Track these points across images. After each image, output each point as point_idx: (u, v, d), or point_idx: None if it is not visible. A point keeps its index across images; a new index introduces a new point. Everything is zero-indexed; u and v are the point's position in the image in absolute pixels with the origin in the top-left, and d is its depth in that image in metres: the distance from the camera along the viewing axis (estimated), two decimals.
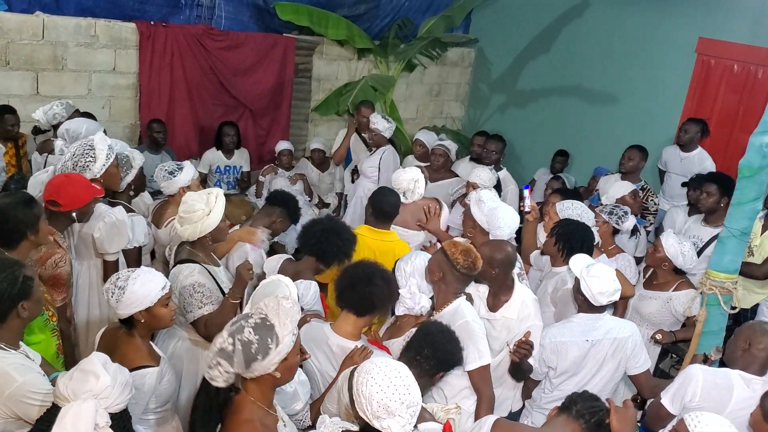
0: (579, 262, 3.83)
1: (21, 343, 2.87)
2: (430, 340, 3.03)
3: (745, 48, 6.63)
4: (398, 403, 2.27)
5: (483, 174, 5.65)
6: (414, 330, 3.45)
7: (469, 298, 3.72)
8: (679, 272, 4.74)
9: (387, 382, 2.29)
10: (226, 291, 3.58)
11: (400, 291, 3.50)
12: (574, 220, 4.66)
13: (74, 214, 3.67)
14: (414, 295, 3.56)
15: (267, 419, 2.45)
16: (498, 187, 5.64)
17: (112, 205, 4.17)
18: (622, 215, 5.04)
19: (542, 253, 4.71)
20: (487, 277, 3.80)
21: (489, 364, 3.45)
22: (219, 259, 3.99)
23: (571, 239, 4.39)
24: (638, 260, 5.44)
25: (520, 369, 3.68)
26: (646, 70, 7.53)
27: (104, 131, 5.22)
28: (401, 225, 5.02)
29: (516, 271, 4.12)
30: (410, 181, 5.05)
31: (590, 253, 4.31)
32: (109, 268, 4.04)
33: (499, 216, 4.29)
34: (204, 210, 3.52)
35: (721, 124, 6.88)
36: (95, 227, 3.94)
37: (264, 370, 2.34)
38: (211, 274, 3.59)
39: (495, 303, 3.87)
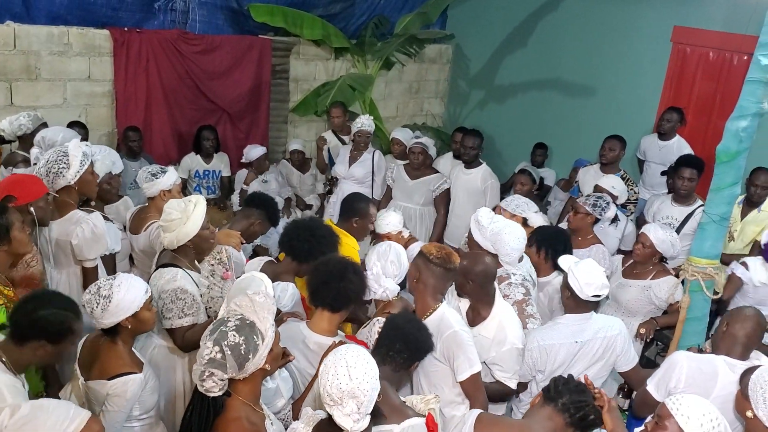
0: (568, 259, 3.82)
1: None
2: (400, 334, 3.01)
3: (719, 35, 6.67)
4: (338, 390, 2.29)
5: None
6: (377, 319, 3.48)
7: None
8: (661, 260, 4.77)
9: (333, 370, 2.33)
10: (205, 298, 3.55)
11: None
12: (550, 225, 4.65)
13: (32, 209, 3.60)
14: (377, 276, 3.57)
15: (254, 416, 2.48)
16: None
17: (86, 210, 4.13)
18: (605, 206, 5.06)
19: None
20: (464, 289, 3.73)
21: (480, 372, 3.36)
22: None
23: (555, 244, 4.39)
24: (625, 252, 5.42)
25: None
26: (622, 61, 7.56)
27: (82, 139, 5.19)
28: None
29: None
30: None
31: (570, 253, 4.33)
32: (89, 274, 4.00)
33: (506, 241, 4.05)
34: (180, 218, 3.46)
35: (698, 112, 6.93)
36: (73, 234, 3.89)
37: (256, 366, 2.40)
38: (194, 281, 3.55)
39: (474, 318, 3.77)
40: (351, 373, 2.31)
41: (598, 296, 3.65)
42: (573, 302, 3.69)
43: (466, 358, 3.28)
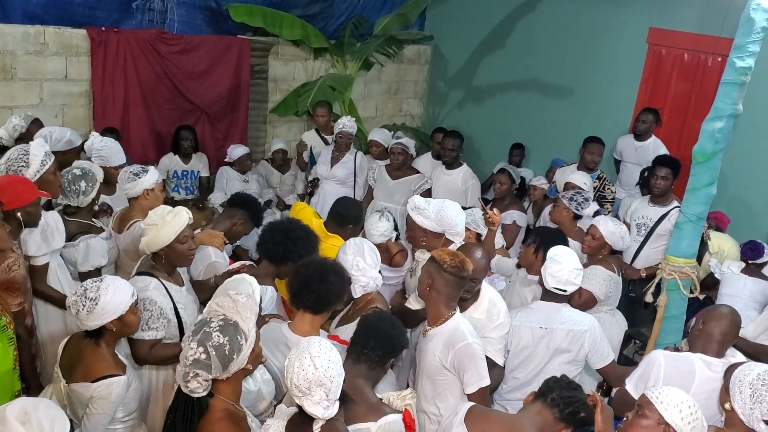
0: (555, 249, 3.88)
1: None
2: (374, 331, 3.01)
3: (694, 37, 6.76)
4: (305, 381, 2.35)
5: None
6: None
7: None
8: (613, 253, 4.90)
9: (297, 362, 2.38)
10: (183, 313, 3.49)
11: (350, 275, 3.51)
12: (549, 227, 4.71)
13: (19, 215, 3.53)
14: (364, 270, 3.59)
15: (237, 415, 2.50)
16: None
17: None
18: (582, 201, 5.14)
19: (518, 266, 4.69)
20: None
21: (488, 385, 3.35)
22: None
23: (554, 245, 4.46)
24: None
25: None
26: (599, 62, 7.64)
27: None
28: None
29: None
30: None
31: None
32: (37, 274, 3.83)
33: (450, 215, 4.12)
34: (156, 224, 3.41)
35: (674, 112, 7.02)
36: (25, 230, 3.75)
37: (239, 366, 2.43)
38: (168, 292, 3.47)
39: (462, 304, 3.74)
40: (315, 362, 2.36)
41: (561, 290, 3.74)
42: (544, 290, 3.80)
43: (477, 372, 3.26)
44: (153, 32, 7.08)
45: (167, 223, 3.41)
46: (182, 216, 3.47)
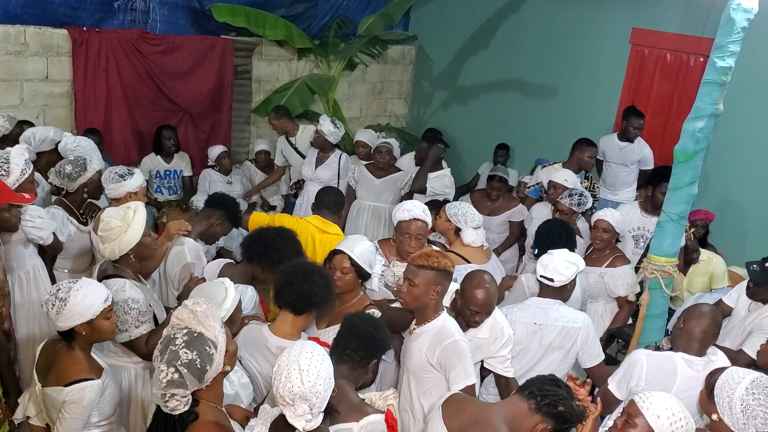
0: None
1: None
2: (356, 332, 2.99)
3: (676, 37, 6.80)
4: (290, 393, 2.30)
5: None
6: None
7: None
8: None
9: (285, 373, 2.33)
10: (155, 309, 3.48)
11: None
12: (554, 219, 4.77)
13: None
14: (377, 273, 3.84)
15: (221, 417, 2.47)
16: None
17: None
18: (585, 202, 5.27)
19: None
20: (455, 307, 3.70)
21: (474, 384, 3.33)
22: (155, 269, 4.01)
23: (550, 235, 4.50)
24: None
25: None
26: (583, 62, 7.66)
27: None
28: None
29: None
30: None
31: (574, 246, 4.40)
32: (52, 249, 4.13)
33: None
34: (121, 226, 3.33)
35: (656, 112, 7.05)
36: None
37: (216, 372, 2.37)
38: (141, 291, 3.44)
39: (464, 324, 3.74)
40: (303, 377, 2.29)
41: (548, 279, 3.74)
42: (540, 286, 3.83)
43: (463, 369, 3.25)
44: (135, 32, 7.04)
45: (133, 221, 3.35)
46: (141, 208, 3.43)
